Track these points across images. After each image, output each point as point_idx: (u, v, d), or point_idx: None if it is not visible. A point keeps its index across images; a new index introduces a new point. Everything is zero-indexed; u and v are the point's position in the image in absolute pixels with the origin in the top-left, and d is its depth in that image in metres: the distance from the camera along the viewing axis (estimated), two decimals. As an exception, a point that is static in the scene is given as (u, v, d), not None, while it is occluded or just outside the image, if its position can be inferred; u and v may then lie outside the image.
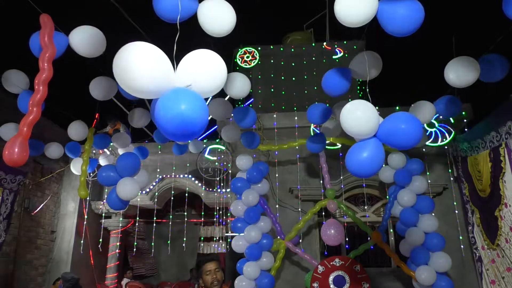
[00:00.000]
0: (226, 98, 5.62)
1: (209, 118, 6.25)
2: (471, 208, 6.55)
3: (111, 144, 6.41)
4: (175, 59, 2.54)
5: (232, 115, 5.23)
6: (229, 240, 7.20)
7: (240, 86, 4.39)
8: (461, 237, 6.55)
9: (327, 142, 6.68)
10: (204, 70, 2.50)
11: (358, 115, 2.88)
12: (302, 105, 8.01)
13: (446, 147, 6.94)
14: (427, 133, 6.73)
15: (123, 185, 4.70)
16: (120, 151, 6.54)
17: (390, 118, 2.92)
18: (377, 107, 3.17)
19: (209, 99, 5.44)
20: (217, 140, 8.30)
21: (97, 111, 6.64)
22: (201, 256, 3.27)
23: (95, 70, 5.06)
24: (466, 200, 6.68)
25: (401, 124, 2.85)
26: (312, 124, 6.83)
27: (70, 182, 9.18)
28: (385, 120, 2.94)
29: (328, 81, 4.17)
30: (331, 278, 5.98)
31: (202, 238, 11.74)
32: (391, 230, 7.21)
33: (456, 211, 6.70)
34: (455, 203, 6.72)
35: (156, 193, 9.12)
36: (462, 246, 6.48)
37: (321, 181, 6.84)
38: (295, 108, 7.95)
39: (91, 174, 7.94)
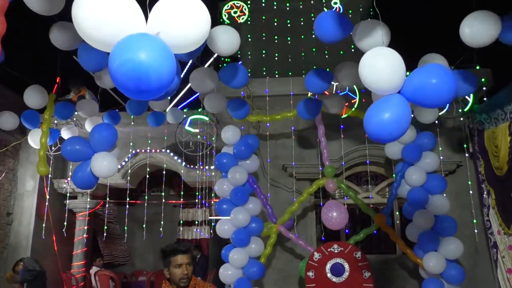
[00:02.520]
0: (207, 65, 5.56)
1: (189, 85, 6.22)
2: (486, 188, 6.68)
3: (76, 113, 6.34)
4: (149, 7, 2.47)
5: (219, 77, 5.15)
6: (213, 224, 7.27)
7: (227, 40, 4.20)
8: (475, 221, 6.70)
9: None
10: (179, 16, 2.37)
11: (381, 65, 2.78)
12: (299, 70, 7.97)
13: (461, 118, 7.01)
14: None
15: (100, 161, 4.68)
16: (88, 122, 6.48)
17: (418, 72, 2.84)
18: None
19: (187, 66, 5.39)
20: (199, 110, 8.25)
21: (58, 74, 6.52)
22: (175, 244, 3.26)
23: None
24: (481, 179, 6.81)
25: (431, 79, 2.75)
26: (309, 93, 6.82)
27: (27, 157, 9.11)
28: (412, 74, 2.87)
29: (323, 23, 3.94)
30: (328, 266, 6.11)
31: (182, 222, 11.85)
32: (397, 213, 7.35)
33: (471, 192, 6.82)
34: (469, 183, 6.84)
35: (129, 171, 9.12)
36: (475, 231, 6.64)
37: (319, 157, 6.88)
38: (290, 74, 7.90)
39: (53, 148, 7.87)
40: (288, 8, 9.59)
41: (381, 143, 6.73)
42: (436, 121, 6.82)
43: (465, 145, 7.04)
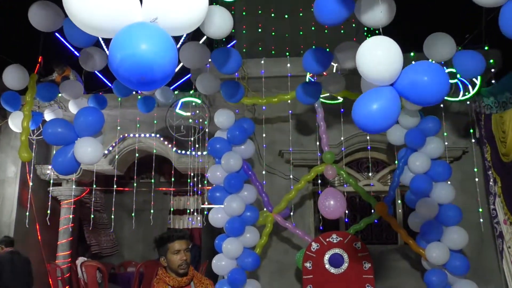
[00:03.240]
0: (201, 41, 5.52)
1: (181, 65, 6.19)
2: (492, 175, 6.72)
3: (59, 94, 6.29)
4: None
5: (211, 59, 5.14)
6: (205, 212, 7.30)
7: (219, 22, 4.21)
8: (480, 209, 6.76)
9: (326, 95, 6.70)
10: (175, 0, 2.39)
11: (379, 56, 2.83)
12: (296, 49, 7.91)
13: (468, 102, 7.01)
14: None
15: (84, 146, 4.66)
16: (72, 104, 6.45)
17: (413, 67, 2.91)
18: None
19: (180, 41, 5.33)
20: (191, 92, 8.21)
21: (40, 53, 6.46)
22: (171, 231, 3.33)
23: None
24: (487, 166, 6.85)
25: (424, 76, 2.84)
26: (308, 74, 6.80)
27: (8, 141, 9.08)
28: (406, 68, 2.93)
29: (323, 4, 3.87)
30: (326, 256, 6.16)
31: (172, 210, 11.88)
32: (399, 201, 7.39)
33: (477, 179, 6.86)
34: (475, 170, 6.88)
35: (117, 156, 9.11)
36: (481, 220, 6.69)
37: (318, 143, 6.89)
38: (287, 54, 7.86)
39: (35, 132, 7.83)
40: (286, -17, 9.49)
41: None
42: (441, 105, 6.83)
43: (471, 130, 7.06)
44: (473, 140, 7.09)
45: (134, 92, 6.42)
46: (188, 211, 11.66)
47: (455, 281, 5.89)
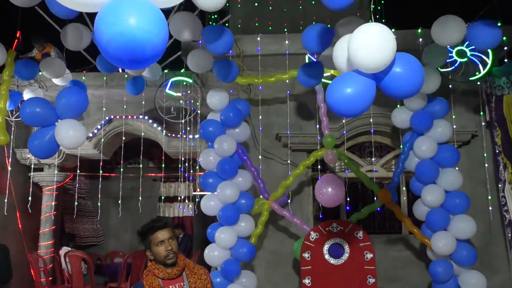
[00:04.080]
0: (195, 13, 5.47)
1: (172, 40, 6.14)
2: (503, 161, 6.76)
3: (40, 73, 6.24)
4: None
5: (202, 36, 5.12)
6: (197, 200, 7.32)
7: None
8: (490, 197, 6.80)
9: (327, 74, 6.66)
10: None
11: (373, 44, 2.85)
12: (296, 25, 7.86)
13: (479, 82, 7.01)
14: (456, 65, 6.75)
15: (66, 129, 4.64)
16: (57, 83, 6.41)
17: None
18: (393, 30, 3.14)
19: (172, 13, 5.28)
20: (182, 71, 8.16)
21: (18, 28, 6.39)
22: (151, 221, 3.33)
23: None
24: (498, 151, 6.88)
25: (396, 67, 2.94)
26: (308, 52, 6.76)
27: (-15, 123, 9.01)
28: None
29: None
30: (326, 247, 6.20)
31: (163, 198, 11.91)
32: (404, 188, 7.43)
33: (486, 165, 6.90)
34: (485, 155, 6.91)
35: (102, 140, 9.07)
36: (490, 208, 6.74)
37: (318, 126, 6.89)
38: (285, 30, 7.81)
39: (14, 113, 7.78)
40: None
41: (387, 111, 6.75)
42: (450, 86, 6.83)
43: (481, 113, 7.08)
44: (483, 123, 7.10)
45: (120, 70, 6.38)
46: (179, 198, 11.69)
47: (462, 272, 5.96)
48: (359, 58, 2.89)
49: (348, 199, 6.87)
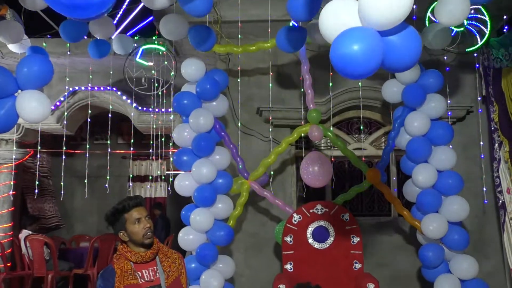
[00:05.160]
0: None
1: (142, 5, 6.03)
2: (499, 138, 6.85)
3: (-5, 38, 6.11)
4: None
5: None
6: (171, 179, 7.30)
7: None
8: (484, 176, 6.92)
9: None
10: None
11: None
12: (279, -12, 7.80)
13: (475, 54, 7.06)
14: (452, 35, 6.77)
15: (28, 101, 4.56)
16: (14, 49, 6.28)
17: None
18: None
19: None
20: (154, 38, 8.07)
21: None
22: (124, 200, 3.31)
23: None
24: (494, 128, 6.96)
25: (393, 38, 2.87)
26: (292, 20, 6.71)
27: None
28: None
29: None
30: (310, 230, 6.26)
31: (132, 177, 11.88)
32: (394, 168, 7.50)
33: (482, 143, 6.99)
34: (480, 132, 7.00)
35: (66, 113, 8.96)
36: (484, 189, 6.86)
37: (302, 100, 6.89)
38: (268, -7, 7.74)
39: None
40: None
41: (377, 84, 6.76)
42: (445, 57, 6.86)
43: (478, 87, 7.14)
44: (479, 98, 7.17)
45: (85, 37, 6.28)
46: (150, 177, 11.67)
47: (453, 257, 6.06)
48: (373, 8, 2.81)
49: (334, 178, 6.92)
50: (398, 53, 2.91)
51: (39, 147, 8.40)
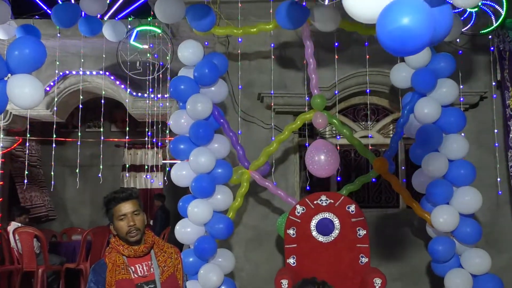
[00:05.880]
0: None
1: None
2: (514, 125, 6.86)
3: (-20, 19, 6.10)
4: None
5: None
6: (167, 169, 7.31)
7: None
8: (498, 166, 6.92)
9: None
10: None
11: None
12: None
13: (490, 36, 7.03)
14: (465, 15, 6.74)
15: (20, 86, 4.55)
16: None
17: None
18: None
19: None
20: (149, 19, 8.03)
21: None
22: (115, 192, 3.31)
23: None
24: (509, 115, 6.95)
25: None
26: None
27: None
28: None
29: None
30: (313, 222, 6.26)
31: (127, 167, 11.89)
32: (403, 157, 7.50)
33: (496, 130, 6.98)
34: (494, 119, 6.98)
35: (56, 99, 8.96)
36: (498, 180, 6.86)
37: (306, 85, 6.87)
38: (270, -29, 7.71)
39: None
40: None
41: (385, 69, 6.74)
42: (457, 40, 6.83)
43: (492, 71, 7.12)
44: (493, 83, 7.15)
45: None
46: (145, 167, 11.68)
47: (464, 251, 6.07)
48: None
49: (339, 168, 6.92)
50: (441, 25, 2.86)
51: (28, 135, 8.42)
